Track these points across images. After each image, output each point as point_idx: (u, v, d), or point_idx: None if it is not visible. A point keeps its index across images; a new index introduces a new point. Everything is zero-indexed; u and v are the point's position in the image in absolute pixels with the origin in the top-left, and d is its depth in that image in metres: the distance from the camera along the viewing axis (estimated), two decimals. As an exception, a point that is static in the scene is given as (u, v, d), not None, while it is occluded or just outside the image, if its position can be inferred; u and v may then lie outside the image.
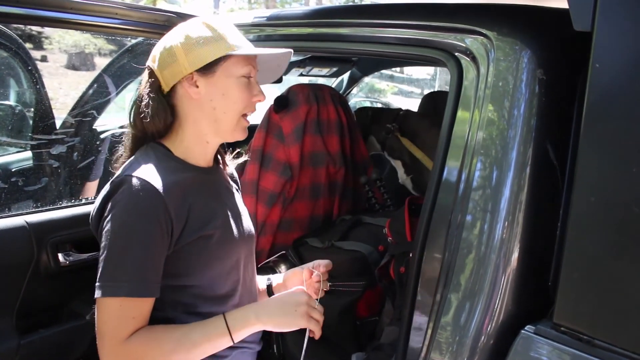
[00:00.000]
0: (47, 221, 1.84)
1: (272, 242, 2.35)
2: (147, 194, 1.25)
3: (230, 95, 1.35)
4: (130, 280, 1.23)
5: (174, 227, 1.28)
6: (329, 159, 2.43)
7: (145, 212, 1.25)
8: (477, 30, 1.36)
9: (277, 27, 1.97)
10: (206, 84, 1.34)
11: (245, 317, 1.32)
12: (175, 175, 1.33)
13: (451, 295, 1.27)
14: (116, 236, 1.24)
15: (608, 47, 1.05)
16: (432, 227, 1.36)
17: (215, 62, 1.32)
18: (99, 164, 2.50)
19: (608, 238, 1.07)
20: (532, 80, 1.27)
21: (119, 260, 1.24)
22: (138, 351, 1.25)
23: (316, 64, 2.95)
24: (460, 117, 1.36)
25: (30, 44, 7.33)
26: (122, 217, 1.24)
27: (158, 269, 1.28)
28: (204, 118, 1.37)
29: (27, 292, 1.77)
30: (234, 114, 1.37)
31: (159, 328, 1.29)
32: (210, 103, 1.35)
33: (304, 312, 1.33)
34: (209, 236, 1.35)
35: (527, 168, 1.24)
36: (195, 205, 1.34)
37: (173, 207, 1.28)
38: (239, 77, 1.35)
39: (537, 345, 1.14)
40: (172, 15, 1.94)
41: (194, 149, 1.40)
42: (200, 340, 1.28)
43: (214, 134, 1.40)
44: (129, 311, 1.24)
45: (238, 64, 1.35)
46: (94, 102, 2.60)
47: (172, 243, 1.29)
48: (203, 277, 1.36)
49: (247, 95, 1.37)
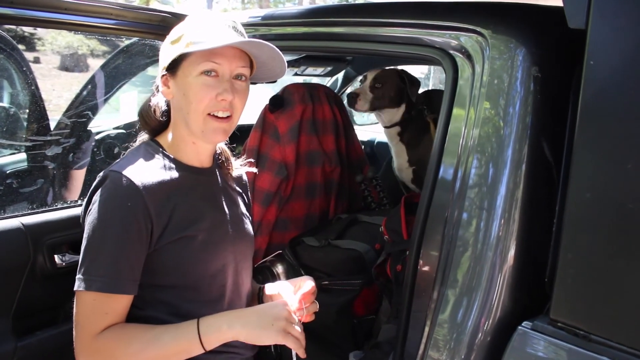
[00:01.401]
0: (43, 222, 1.83)
1: (269, 242, 2.35)
2: (126, 191, 1.25)
3: (188, 95, 1.31)
4: (103, 275, 1.23)
5: (154, 225, 1.28)
6: (325, 158, 2.44)
7: (122, 208, 1.25)
8: (472, 28, 1.36)
9: (271, 26, 1.97)
10: (173, 84, 1.35)
11: (217, 324, 1.27)
12: (162, 174, 1.33)
13: (448, 293, 1.28)
14: (94, 231, 1.25)
15: (602, 45, 1.05)
16: (429, 225, 1.36)
17: (176, 62, 1.32)
18: (95, 165, 2.49)
19: (604, 234, 1.07)
20: (527, 77, 1.27)
21: (94, 255, 1.25)
22: (107, 347, 1.24)
23: (311, 63, 2.95)
24: (456, 115, 1.36)
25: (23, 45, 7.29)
26: (100, 212, 1.25)
27: (134, 267, 1.27)
28: (178, 118, 1.38)
29: (24, 294, 1.76)
30: (196, 114, 1.31)
31: (133, 327, 1.28)
32: (178, 103, 1.35)
33: (281, 327, 1.26)
34: (191, 237, 1.34)
35: (523, 165, 1.25)
36: (180, 205, 1.33)
37: (154, 205, 1.27)
38: (198, 75, 1.29)
39: (534, 341, 1.15)
40: (166, 15, 1.93)
41: (184, 149, 1.40)
42: (170, 343, 1.25)
43: (191, 135, 1.37)
44: (101, 306, 1.24)
45: (195, 62, 1.30)
46: (88, 103, 2.59)
47: (153, 241, 1.29)
48: (185, 278, 1.35)
49: (207, 93, 1.30)
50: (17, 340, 1.74)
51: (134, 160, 1.33)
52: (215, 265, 1.39)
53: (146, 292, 1.31)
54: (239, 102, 1.34)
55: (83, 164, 2.44)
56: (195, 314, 1.32)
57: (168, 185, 1.33)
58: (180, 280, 1.35)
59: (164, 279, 1.33)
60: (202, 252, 1.36)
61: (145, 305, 1.33)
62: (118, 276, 1.24)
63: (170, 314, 1.34)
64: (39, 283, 1.81)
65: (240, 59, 1.33)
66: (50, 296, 1.86)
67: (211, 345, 1.26)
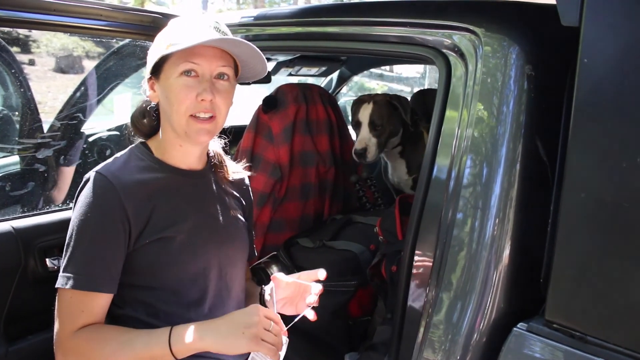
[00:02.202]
0: (34, 226, 1.83)
1: (263, 243, 2.34)
2: (103, 191, 1.28)
3: (170, 96, 1.31)
4: (78, 273, 1.25)
5: (132, 225, 1.29)
6: (319, 159, 2.43)
7: (98, 208, 1.28)
8: (464, 26, 1.35)
9: (264, 26, 1.96)
10: (158, 87, 1.36)
11: (188, 334, 1.23)
12: (143, 175, 1.35)
13: (443, 294, 1.27)
14: (73, 230, 1.28)
15: (596, 42, 1.05)
16: (423, 225, 1.36)
17: (159, 65, 1.33)
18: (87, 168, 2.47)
19: (599, 234, 1.07)
20: (521, 76, 1.26)
21: (72, 253, 1.27)
22: (82, 346, 1.26)
23: (305, 63, 2.94)
24: (449, 114, 1.36)
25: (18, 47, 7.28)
26: (79, 212, 1.28)
27: (110, 266, 1.28)
28: (165, 121, 1.39)
29: (15, 298, 1.75)
30: (178, 115, 1.31)
31: (109, 328, 1.30)
32: (163, 106, 1.37)
33: (253, 334, 1.20)
34: (170, 238, 1.34)
35: (517, 164, 1.24)
36: (160, 206, 1.34)
37: (132, 205, 1.29)
38: (178, 77, 1.29)
39: (530, 342, 1.14)
40: (157, 16, 1.92)
41: (171, 151, 1.41)
42: (141, 349, 1.24)
43: (177, 138, 1.38)
44: (77, 304, 1.26)
45: (174, 64, 1.30)
46: (81, 106, 2.58)
47: (132, 242, 1.31)
48: (162, 279, 1.35)
49: (187, 94, 1.29)
50: (8, 345, 1.72)
51: (117, 161, 1.37)
52: (195, 268, 1.38)
53: (125, 292, 1.33)
54: (222, 102, 1.33)
55: (75, 167, 2.43)
56: (174, 316, 1.33)
57: (149, 186, 1.34)
58: (159, 282, 1.35)
59: (142, 279, 1.34)
60: (180, 253, 1.35)
61: (124, 305, 1.35)
62: (92, 274, 1.26)
63: (148, 315, 1.35)
64: (30, 287, 1.80)
65: (221, 58, 1.32)
66: (42, 300, 1.83)
67: (182, 354, 1.23)
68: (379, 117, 2.41)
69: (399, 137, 2.51)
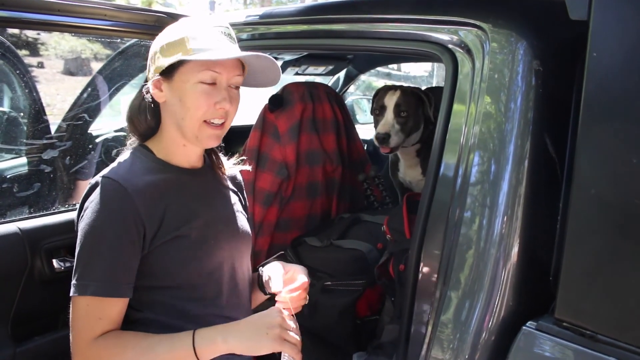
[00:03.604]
0: (41, 227, 1.83)
1: (270, 243, 2.33)
2: (116, 195, 1.27)
3: (185, 101, 1.31)
4: (97, 280, 1.24)
5: (147, 227, 1.29)
6: (326, 157, 2.42)
7: (113, 213, 1.26)
8: (471, 22, 1.34)
9: (270, 25, 1.95)
10: (168, 88, 1.34)
11: (212, 338, 1.26)
12: (152, 176, 1.34)
13: (451, 292, 1.26)
14: (86, 236, 1.26)
15: (605, 36, 1.03)
16: (430, 223, 1.35)
17: (174, 67, 1.31)
18: (94, 168, 2.48)
19: (609, 231, 1.05)
20: (529, 72, 1.25)
21: (87, 260, 1.26)
22: (102, 354, 1.25)
23: (312, 62, 2.94)
24: (456, 111, 1.35)
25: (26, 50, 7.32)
26: (91, 218, 1.26)
27: (128, 270, 1.28)
28: (170, 122, 1.38)
29: (22, 299, 1.75)
30: (191, 120, 1.33)
31: (128, 334, 1.28)
32: (172, 107, 1.35)
33: (276, 335, 1.25)
34: (185, 236, 1.34)
35: (525, 161, 1.23)
36: (172, 205, 1.34)
37: (144, 207, 1.28)
38: (196, 83, 1.30)
39: (539, 341, 1.13)
40: (162, 16, 1.92)
41: (175, 151, 1.40)
42: (164, 354, 1.24)
43: (182, 138, 1.38)
44: (95, 311, 1.25)
45: (194, 70, 1.30)
46: (88, 107, 2.58)
47: (147, 243, 1.30)
48: (180, 277, 1.35)
49: (205, 101, 1.31)
50: (15, 346, 1.73)
51: (123, 164, 1.36)
52: (211, 264, 1.40)
53: (143, 294, 1.32)
54: (233, 108, 1.36)
55: (83, 167, 2.43)
56: (193, 313, 1.35)
57: (158, 186, 1.34)
58: (176, 280, 1.35)
59: (160, 279, 1.34)
60: (196, 250, 1.36)
61: (142, 307, 1.34)
62: (111, 280, 1.25)
63: (168, 315, 1.34)
64: (37, 288, 1.80)
65: (237, 67, 1.35)
66: (49, 301, 1.85)
67: (206, 357, 1.26)
68: (406, 105, 2.34)
69: (419, 134, 2.43)
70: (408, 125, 2.36)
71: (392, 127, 2.32)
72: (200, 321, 1.34)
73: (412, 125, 2.37)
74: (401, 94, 2.36)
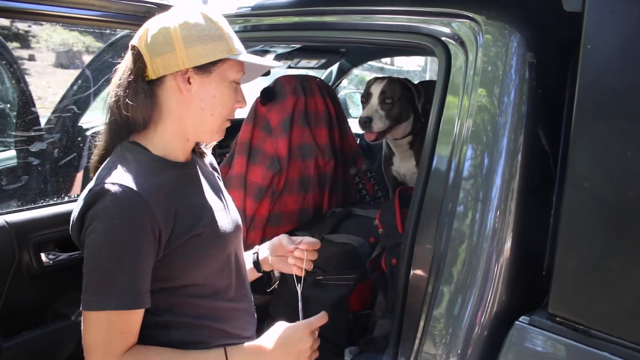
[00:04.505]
0: (29, 220, 1.80)
1: (262, 237, 2.32)
2: (131, 202, 1.18)
3: (220, 98, 1.30)
4: (118, 293, 1.17)
5: (162, 231, 1.22)
6: (318, 151, 2.40)
7: (131, 221, 1.18)
8: (464, 14, 1.33)
9: (262, 16, 1.93)
10: (200, 83, 1.27)
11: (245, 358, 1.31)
12: (158, 177, 1.26)
13: (443, 287, 1.25)
14: (102, 248, 1.18)
15: (599, 28, 1.03)
16: (423, 217, 1.34)
17: (214, 62, 1.26)
18: (83, 161, 2.45)
19: (603, 224, 1.04)
20: (522, 64, 1.24)
21: (106, 272, 1.18)
22: None
23: (304, 55, 2.92)
24: (449, 104, 1.34)
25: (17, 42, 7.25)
26: (106, 228, 1.17)
27: (146, 280, 1.22)
28: (189, 117, 1.30)
29: (9, 294, 1.73)
30: (219, 117, 1.32)
31: (155, 351, 1.25)
32: (200, 103, 1.29)
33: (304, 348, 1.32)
34: (199, 235, 1.30)
35: (519, 155, 1.22)
36: (181, 205, 1.28)
37: (160, 211, 1.21)
38: (231, 82, 1.31)
39: (532, 336, 1.12)
40: (151, 6, 1.89)
41: (176, 146, 1.34)
42: None
43: (194, 134, 1.34)
44: (117, 325, 1.19)
45: (234, 69, 1.30)
46: (78, 100, 2.55)
47: (162, 248, 1.23)
48: (197, 276, 1.32)
49: (234, 101, 1.33)
50: (2, 341, 1.71)
51: (125, 168, 1.24)
52: (222, 257, 1.38)
53: (159, 298, 1.27)
54: None
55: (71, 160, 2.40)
56: (207, 307, 1.35)
57: (166, 187, 1.27)
58: (193, 279, 1.32)
59: (178, 281, 1.30)
60: (210, 247, 1.34)
61: (159, 311, 1.29)
62: (134, 291, 1.19)
63: (184, 315, 1.32)
64: (25, 282, 1.78)
65: None
66: (38, 295, 1.84)
67: None
68: (390, 92, 2.39)
69: (409, 125, 2.47)
70: (393, 112, 2.40)
71: (376, 112, 2.38)
72: (215, 317, 1.35)
73: (397, 113, 2.41)
74: (387, 82, 2.42)
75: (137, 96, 1.25)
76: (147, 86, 1.27)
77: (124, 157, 1.27)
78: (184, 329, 1.31)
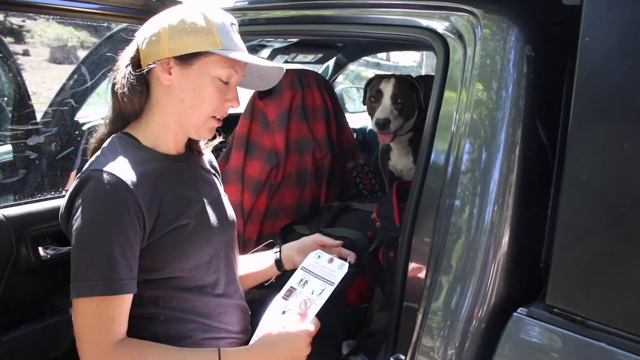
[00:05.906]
0: (26, 214, 1.80)
1: (259, 231, 2.32)
2: (115, 188, 1.20)
3: (201, 92, 1.29)
4: (103, 278, 1.18)
5: (146, 219, 1.24)
6: (315, 145, 2.40)
7: (114, 207, 1.20)
8: (462, 7, 1.33)
9: (259, 10, 1.93)
10: (180, 74, 1.28)
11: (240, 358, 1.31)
12: (144, 166, 1.28)
13: (441, 280, 1.25)
14: (86, 234, 1.19)
15: (598, 21, 1.03)
16: (421, 211, 1.34)
17: (195, 55, 1.26)
18: (80, 155, 2.45)
19: (601, 217, 1.05)
20: (521, 58, 1.24)
21: (90, 258, 1.19)
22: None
23: (301, 50, 2.91)
24: (447, 98, 1.34)
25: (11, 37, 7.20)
26: (90, 213, 1.19)
27: (132, 265, 1.23)
28: (171, 108, 1.32)
29: (7, 287, 1.72)
30: (201, 113, 1.31)
31: (147, 345, 1.26)
32: (180, 95, 1.30)
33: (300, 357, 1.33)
34: (184, 226, 1.31)
35: (517, 149, 1.22)
36: (167, 195, 1.30)
37: (143, 199, 1.23)
38: (214, 78, 1.29)
39: (530, 327, 1.13)
40: (149, 0, 1.88)
41: (164, 138, 1.36)
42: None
43: (180, 126, 1.34)
44: (106, 313, 1.19)
45: (218, 64, 1.28)
46: (74, 94, 2.54)
47: (146, 236, 1.25)
48: (182, 268, 1.32)
49: (219, 97, 1.31)
50: (0, 335, 1.70)
51: (112, 156, 1.26)
52: (209, 251, 1.38)
53: (143, 289, 1.28)
54: None
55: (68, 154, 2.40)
56: (194, 303, 1.34)
57: (152, 176, 1.29)
58: (178, 271, 1.32)
59: (162, 272, 1.31)
60: (196, 239, 1.34)
61: (144, 302, 1.30)
62: (119, 277, 1.19)
63: (170, 307, 1.32)
64: (23, 276, 1.78)
65: (244, 69, 1.36)
66: (35, 289, 1.83)
67: None
68: (401, 92, 2.37)
69: (412, 122, 2.46)
70: (405, 111, 2.39)
71: (391, 112, 2.35)
72: (201, 311, 1.35)
73: (408, 112, 2.41)
74: (396, 81, 2.39)
75: (128, 84, 1.29)
76: (139, 75, 1.30)
77: (113, 147, 1.30)
78: (169, 321, 1.32)
